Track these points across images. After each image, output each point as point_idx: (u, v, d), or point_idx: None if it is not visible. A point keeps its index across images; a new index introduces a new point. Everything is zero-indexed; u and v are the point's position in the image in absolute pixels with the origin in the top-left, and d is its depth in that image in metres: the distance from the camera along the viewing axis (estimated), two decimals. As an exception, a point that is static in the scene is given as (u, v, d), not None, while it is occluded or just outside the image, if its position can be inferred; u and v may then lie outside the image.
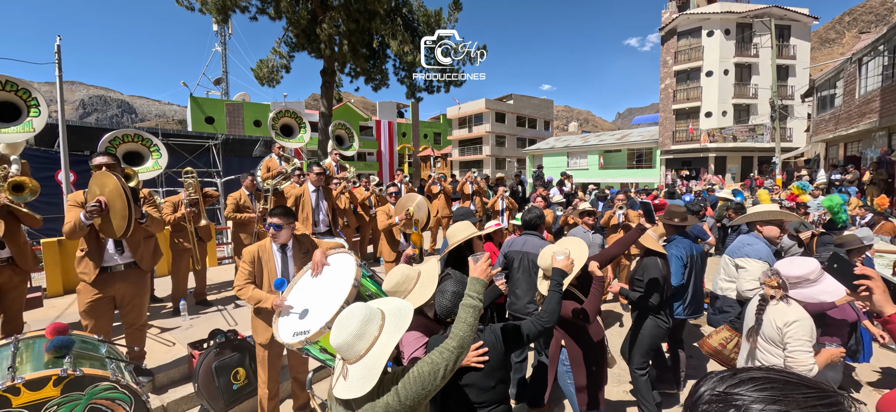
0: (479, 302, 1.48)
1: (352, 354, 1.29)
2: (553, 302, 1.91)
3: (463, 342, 1.39)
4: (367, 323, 1.31)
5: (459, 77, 14.66)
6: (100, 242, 2.94)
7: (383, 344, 1.31)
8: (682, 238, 3.35)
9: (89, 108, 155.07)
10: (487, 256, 1.65)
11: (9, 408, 1.45)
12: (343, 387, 1.29)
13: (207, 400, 3.07)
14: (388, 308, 1.43)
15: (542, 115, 43.95)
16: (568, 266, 2.11)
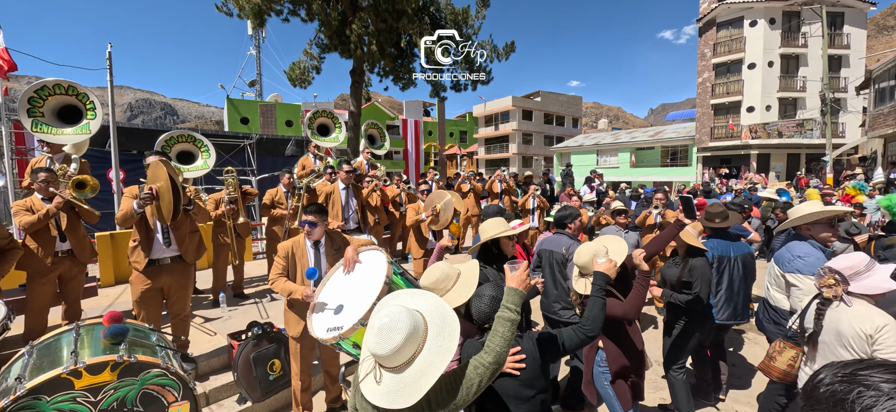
0: (517, 315, 1.42)
1: (389, 364, 1.23)
2: (596, 308, 1.81)
3: (499, 358, 1.34)
4: (412, 337, 1.22)
5: (487, 75, 14.58)
6: (149, 234, 3.12)
7: (427, 363, 1.22)
8: (717, 239, 3.18)
9: (136, 110, 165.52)
10: (525, 265, 1.59)
11: (71, 390, 1.56)
12: (375, 390, 1.24)
13: (245, 388, 3.19)
14: (431, 315, 1.34)
15: (570, 112, 43.02)
16: (611, 269, 2.01)
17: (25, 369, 1.63)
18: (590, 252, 2.34)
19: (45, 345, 1.81)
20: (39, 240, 3.27)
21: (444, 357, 1.22)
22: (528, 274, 1.55)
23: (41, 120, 4.13)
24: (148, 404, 1.73)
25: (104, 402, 1.62)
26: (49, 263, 3.29)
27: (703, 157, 23.94)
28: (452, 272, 2.08)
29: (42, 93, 4.13)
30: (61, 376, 1.54)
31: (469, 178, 8.47)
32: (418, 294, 1.45)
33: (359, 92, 13.22)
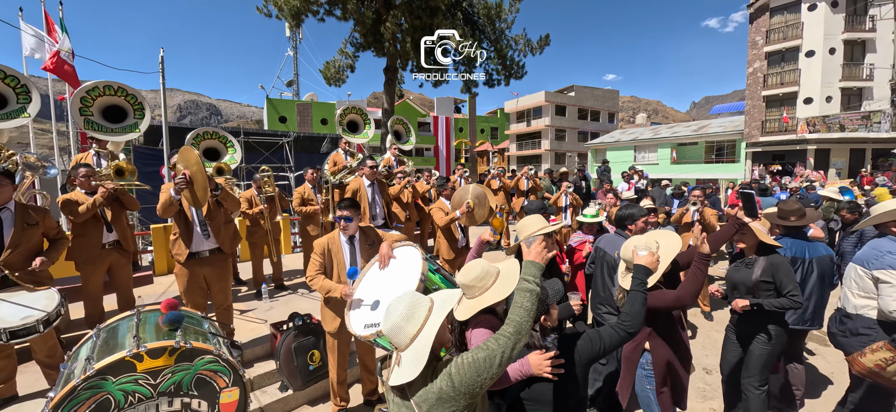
0: (535, 286, 1.42)
1: (402, 339, 1.32)
2: (636, 304, 1.71)
3: (520, 328, 1.34)
4: (414, 306, 1.34)
5: (520, 69, 14.33)
6: (188, 226, 3.24)
7: (428, 335, 1.32)
8: (792, 238, 2.92)
9: (184, 111, 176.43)
10: (541, 238, 1.58)
11: (134, 372, 1.66)
12: (397, 373, 1.32)
13: (287, 377, 3.31)
14: (438, 300, 1.46)
15: (606, 107, 41.56)
16: (652, 262, 1.90)
17: (94, 351, 1.77)
18: (633, 247, 2.23)
19: (110, 329, 1.95)
20: (89, 231, 3.50)
21: (445, 311, 1.36)
22: (544, 246, 1.53)
23: (91, 118, 4.45)
24: (201, 388, 1.82)
25: (162, 385, 1.72)
26: (99, 253, 3.52)
27: (753, 153, 22.40)
28: (492, 270, 2.03)
29: (92, 93, 4.45)
30: (125, 359, 1.65)
31: (499, 174, 8.35)
32: (436, 292, 1.55)
33: (392, 89, 13.37)
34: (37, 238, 2.82)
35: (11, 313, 2.39)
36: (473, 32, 13.50)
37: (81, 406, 1.56)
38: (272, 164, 12.13)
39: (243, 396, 1.96)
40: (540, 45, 14.46)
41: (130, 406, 1.65)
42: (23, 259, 2.71)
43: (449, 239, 4.37)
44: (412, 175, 6.68)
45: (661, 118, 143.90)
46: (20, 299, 2.48)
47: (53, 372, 2.87)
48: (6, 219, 2.68)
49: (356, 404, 3.36)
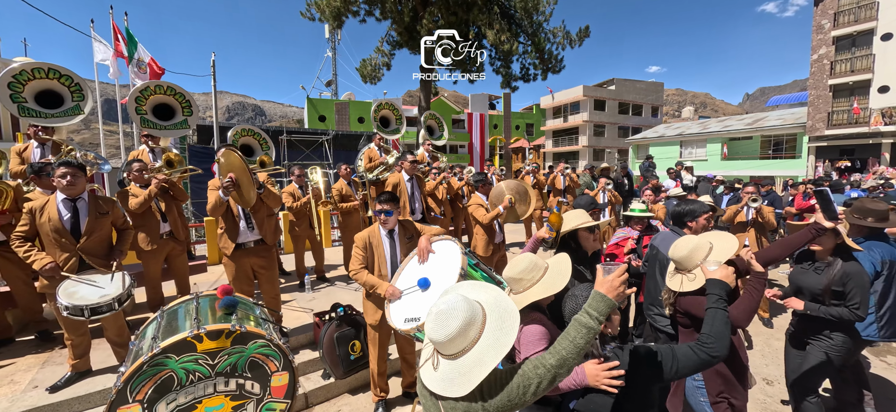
0: (596, 324, 1.27)
1: (445, 350, 1.23)
2: (718, 322, 1.53)
3: (564, 363, 1.23)
4: (468, 326, 1.21)
5: (558, 63, 13.95)
6: (234, 221, 3.41)
7: (482, 353, 1.20)
8: (877, 242, 2.62)
9: (232, 112, 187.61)
10: (622, 271, 1.35)
11: (194, 352, 1.76)
12: (433, 377, 1.24)
13: (329, 365, 3.40)
14: (491, 307, 1.30)
15: (649, 101, 39.64)
16: (729, 277, 1.72)
17: (158, 331, 1.88)
18: (690, 245, 2.07)
19: (171, 312, 2.08)
20: (147, 222, 3.80)
21: (499, 350, 1.20)
22: (623, 281, 1.32)
23: (145, 116, 4.81)
24: (254, 371, 1.90)
25: (219, 366, 1.81)
26: (156, 245, 3.82)
27: (817, 148, 20.52)
28: (541, 263, 1.95)
29: (145, 93, 4.81)
30: (187, 339, 1.74)
31: (533, 170, 8.14)
32: (481, 286, 1.41)
33: (428, 86, 13.44)
34: (107, 226, 3.06)
35: (90, 293, 2.64)
36: (510, 27, 13.29)
37: (148, 381, 1.67)
38: (312, 161, 12.59)
39: (292, 381, 2.02)
40: (579, 38, 14.00)
41: (191, 384, 1.75)
42: (96, 244, 2.96)
43: (488, 233, 4.30)
44: (446, 171, 6.68)
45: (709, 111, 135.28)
46: (96, 281, 2.73)
47: (121, 349, 3.12)
48: (82, 209, 2.93)
49: (395, 395, 3.39)
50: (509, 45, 12.65)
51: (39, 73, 4.23)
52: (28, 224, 2.78)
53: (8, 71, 4.10)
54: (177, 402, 1.74)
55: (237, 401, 1.89)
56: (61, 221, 2.80)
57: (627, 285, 1.35)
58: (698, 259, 2.03)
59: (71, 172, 2.79)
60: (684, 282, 2.04)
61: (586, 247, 2.47)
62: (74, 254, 2.84)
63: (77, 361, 3.01)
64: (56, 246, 2.80)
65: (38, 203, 2.83)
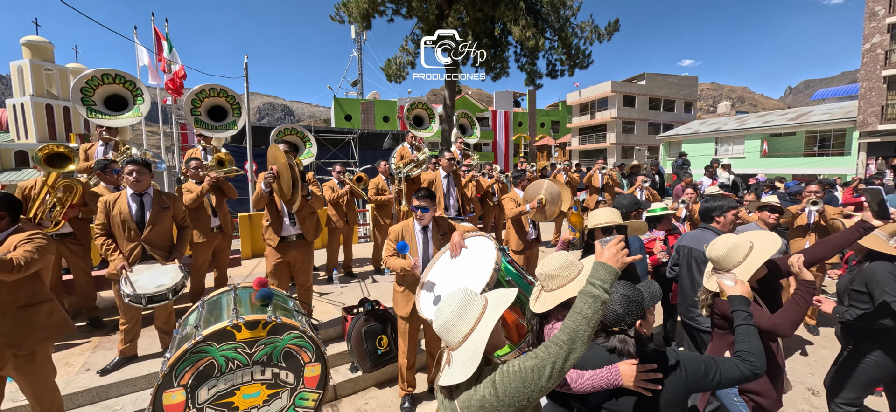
0: (603, 292, 1.24)
1: (454, 337, 1.22)
2: (752, 337, 1.48)
3: (575, 336, 1.18)
4: (467, 303, 1.23)
5: (586, 58, 13.63)
6: (279, 215, 3.59)
7: (483, 329, 1.21)
8: None
9: (263, 112, 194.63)
10: (619, 239, 1.36)
11: (234, 341, 1.83)
12: (447, 373, 1.22)
13: (357, 359, 3.45)
14: (493, 298, 1.32)
15: (682, 96, 38.10)
16: (748, 292, 1.66)
17: (200, 320, 1.97)
18: (728, 244, 1.98)
19: (212, 302, 2.18)
20: (200, 216, 4.07)
21: (500, 310, 1.24)
22: (620, 248, 1.33)
23: (199, 117, 5.06)
24: (289, 361, 1.96)
25: (256, 355, 1.88)
26: (207, 237, 4.10)
27: (869, 144, 19.11)
28: (576, 262, 1.92)
29: (201, 95, 5.06)
30: (227, 328, 1.82)
31: (565, 168, 8.00)
32: (492, 292, 1.42)
33: (453, 84, 13.43)
34: (168, 220, 3.28)
35: (149, 282, 2.87)
36: (536, 22, 13.08)
37: (191, 367, 1.75)
38: (339, 159, 12.86)
39: (324, 372, 2.07)
40: (608, 32, 13.62)
41: (230, 371, 1.83)
42: (158, 237, 3.19)
43: (518, 231, 4.27)
44: (477, 169, 6.67)
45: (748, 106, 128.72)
46: (154, 271, 2.96)
47: (167, 337, 3.31)
48: (147, 203, 3.16)
49: (421, 391, 3.41)
50: (535, 41, 12.46)
51: (108, 79, 4.60)
52: (104, 216, 3.04)
53: (82, 76, 4.50)
54: (217, 388, 1.81)
55: (272, 389, 1.95)
56: (130, 214, 3.05)
57: None
58: (737, 258, 1.95)
59: (137, 170, 3.03)
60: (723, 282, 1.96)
61: None
62: (139, 245, 3.08)
63: (126, 346, 3.20)
64: (124, 236, 3.04)
65: (112, 197, 3.09)
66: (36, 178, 3.64)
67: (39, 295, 2.11)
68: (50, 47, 22.72)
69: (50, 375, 2.22)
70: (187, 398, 1.75)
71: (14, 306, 2.00)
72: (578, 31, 13.52)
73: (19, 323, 2.01)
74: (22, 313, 2.03)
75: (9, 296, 1.97)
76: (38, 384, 2.13)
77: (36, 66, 21.77)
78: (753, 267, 1.88)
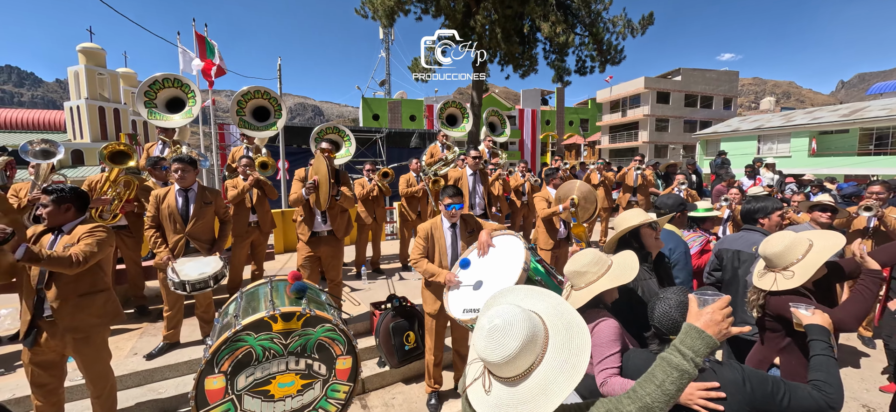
0: (692, 367, 1.04)
1: (500, 372, 1.03)
2: (832, 368, 1.35)
3: (647, 410, 1.02)
4: (529, 345, 1.00)
5: (618, 54, 13.20)
6: (311, 212, 3.74)
7: (548, 379, 0.99)
8: None
9: (294, 113, 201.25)
10: (725, 302, 1.12)
11: (270, 331, 1.90)
12: (483, 400, 1.05)
13: (385, 354, 3.50)
14: (552, 319, 1.09)
15: (721, 92, 36.26)
16: (827, 322, 1.50)
17: (239, 310, 2.06)
18: (785, 241, 1.85)
19: (250, 293, 2.27)
20: (240, 212, 4.29)
21: (572, 376, 0.98)
22: (726, 315, 1.09)
23: (244, 118, 5.30)
24: (321, 352, 2.01)
25: (291, 345, 1.95)
26: (245, 230, 4.32)
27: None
28: (605, 259, 1.86)
29: (246, 97, 5.30)
30: (264, 318, 1.89)
31: (599, 167, 7.80)
32: (535, 293, 1.20)
33: (480, 83, 13.36)
34: (211, 214, 3.47)
35: (192, 271, 3.07)
36: (566, 18, 12.78)
37: (231, 355, 1.84)
38: (367, 158, 13.08)
39: (355, 365, 2.11)
40: (642, 26, 13.13)
41: (267, 360, 1.90)
42: (201, 229, 3.38)
43: (548, 229, 4.21)
44: (504, 168, 6.62)
45: (794, 102, 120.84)
46: (196, 261, 3.17)
47: (206, 325, 3.49)
48: (191, 198, 3.36)
49: (448, 388, 3.42)
50: (565, 37, 12.17)
51: (168, 83, 4.97)
52: (154, 209, 3.28)
53: (148, 80, 4.85)
54: (254, 376, 1.89)
55: (306, 380, 2.01)
56: (177, 207, 3.27)
57: None
58: (794, 256, 1.82)
59: (182, 167, 3.24)
60: (779, 280, 1.83)
61: (649, 246, 2.30)
62: (183, 237, 3.29)
63: (169, 333, 3.40)
64: (170, 228, 3.27)
65: (162, 191, 3.32)
66: (101, 174, 3.93)
67: (98, 284, 2.30)
68: (102, 53, 24.34)
69: (105, 358, 2.40)
70: (227, 384, 1.83)
71: (75, 294, 2.19)
72: (610, 26, 13.11)
73: (78, 309, 2.19)
74: (81, 301, 2.21)
75: (71, 285, 2.16)
76: (93, 365, 2.31)
77: (90, 70, 23.38)
78: (813, 266, 1.74)
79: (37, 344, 2.14)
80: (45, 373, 2.19)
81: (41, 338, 2.14)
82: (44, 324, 2.14)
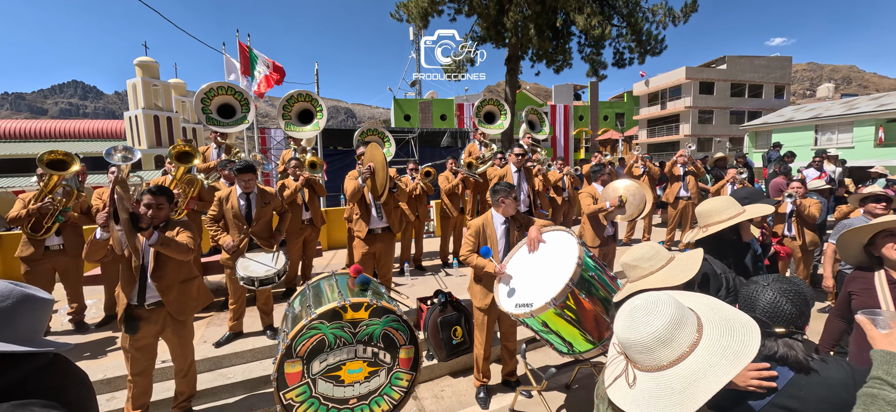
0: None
1: (645, 360, 0.97)
2: None
3: None
4: (677, 327, 0.94)
5: (658, 44, 12.70)
6: (368, 208, 3.91)
7: (704, 367, 0.91)
8: None
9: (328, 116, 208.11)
10: None
11: (341, 320, 2.03)
12: (626, 394, 0.99)
13: (433, 347, 3.59)
14: (706, 313, 1.02)
15: (771, 79, 33.94)
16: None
17: (309, 300, 2.21)
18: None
19: (316, 285, 2.43)
20: (294, 210, 4.52)
21: (736, 361, 0.91)
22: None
23: (289, 121, 5.60)
24: (387, 343, 2.13)
25: (360, 335, 2.07)
26: (299, 228, 4.57)
27: None
28: (664, 254, 1.82)
29: (291, 101, 5.61)
30: (336, 308, 2.02)
31: (643, 158, 7.56)
32: (683, 294, 1.16)
33: (514, 80, 13.27)
34: (270, 214, 3.74)
35: (259, 268, 3.32)
36: (602, 9, 12.44)
37: (307, 341, 1.99)
38: (400, 158, 13.34)
39: (417, 355, 2.21)
40: (685, 13, 12.56)
41: (338, 347, 2.04)
42: (262, 229, 3.65)
43: (595, 226, 4.15)
44: (544, 165, 6.57)
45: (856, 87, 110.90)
46: (262, 258, 3.42)
47: (267, 316, 3.73)
48: (253, 200, 3.62)
49: (496, 382, 3.46)
50: (601, 30, 11.86)
51: (221, 91, 5.37)
52: (218, 209, 3.57)
53: (204, 87, 5.29)
54: (327, 362, 2.03)
55: (372, 367, 2.13)
56: (240, 209, 3.53)
57: None
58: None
59: (248, 178, 3.50)
60: None
61: (746, 237, 2.24)
62: (247, 236, 3.56)
63: (234, 323, 3.66)
64: (235, 228, 3.54)
65: (225, 193, 3.60)
66: (163, 175, 4.29)
67: (192, 272, 2.63)
68: (156, 66, 26.23)
69: (191, 340, 2.71)
70: (303, 368, 1.98)
71: (178, 280, 2.51)
72: (650, 15, 12.63)
73: (181, 295, 2.50)
74: (183, 287, 2.54)
75: (175, 274, 2.48)
76: (185, 345, 2.62)
77: (146, 82, 25.27)
78: None
79: (138, 329, 2.40)
80: (143, 358, 2.46)
81: (140, 324, 2.40)
82: (142, 312, 2.40)
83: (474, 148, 6.20)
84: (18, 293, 0.98)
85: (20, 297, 0.97)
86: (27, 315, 0.98)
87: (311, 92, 5.86)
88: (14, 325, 0.94)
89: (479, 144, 6.23)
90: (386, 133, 6.58)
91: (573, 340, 2.41)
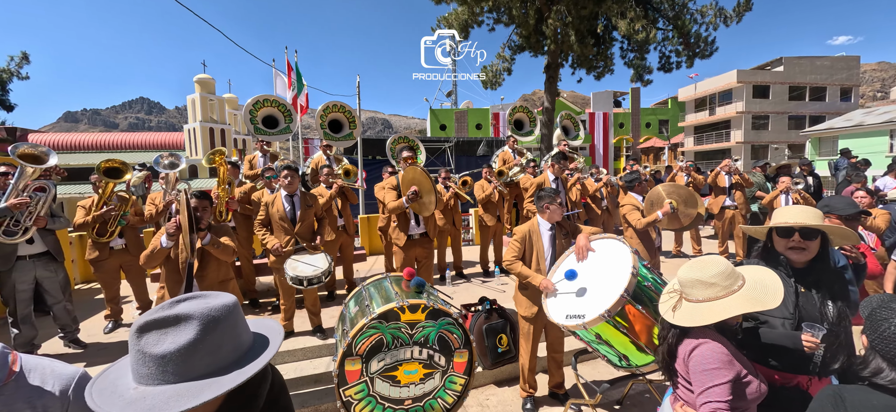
0: None
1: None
2: None
3: None
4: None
5: (708, 46, 12.10)
6: (406, 217, 4.02)
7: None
8: None
9: (366, 126, 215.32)
10: None
11: (398, 321, 2.09)
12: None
13: (478, 355, 3.57)
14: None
15: (836, 81, 31.27)
16: None
17: (366, 301, 2.29)
18: None
19: (371, 286, 2.51)
20: (328, 216, 4.58)
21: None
22: None
23: (324, 128, 5.96)
24: (442, 345, 2.16)
25: (416, 336, 2.12)
26: (334, 235, 4.65)
27: None
28: (738, 272, 1.56)
29: (325, 111, 5.96)
30: (394, 309, 2.08)
31: (687, 167, 7.20)
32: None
33: (553, 87, 13.12)
34: (312, 216, 3.89)
35: (306, 268, 3.46)
36: (646, 12, 12.05)
37: (367, 340, 2.06)
38: (436, 167, 13.51)
39: (470, 359, 2.23)
40: (737, 13, 11.90)
41: (395, 347, 2.10)
42: (306, 230, 3.80)
43: (644, 239, 3.98)
44: (582, 172, 6.42)
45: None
46: (308, 259, 3.57)
47: (315, 317, 3.87)
48: (297, 202, 3.79)
49: (542, 394, 3.39)
50: (646, 34, 11.47)
51: (267, 103, 5.74)
52: (264, 212, 3.74)
53: (250, 100, 5.72)
54: (385, 362, 2.09)
55: (427, 369, 2.17)
56: (285, 212, 3.69)
57: None
58: None
59: (291, 174, 3.64)
60: None
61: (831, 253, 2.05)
62: (292, 237, 3.71)
63: (286, 323, 3.84)
64: (281, 230, 3.70)
65: (270, 197, 3.78)
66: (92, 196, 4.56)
67: (229, 273, 2.83)
68: (213, 82, 28.35)
69: None
70: (362, 367, 2.05)
71: (218, 281, 2.69)
72: (698, 17, 12.08)
73: None
74: (222, 287, 2.71)
75: (216, 273, 2.65)
76: None
77: (203, 97, 27.36)
78: None
79: None
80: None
81: None
82: None
83: (508, 155, 6.20)
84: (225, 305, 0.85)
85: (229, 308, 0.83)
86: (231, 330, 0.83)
87: (344, 103, 6.24)
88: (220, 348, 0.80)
89: (512, 152, 6.22)
90: (415, 141, 6.78)
91: (628, 352, 2.32)
